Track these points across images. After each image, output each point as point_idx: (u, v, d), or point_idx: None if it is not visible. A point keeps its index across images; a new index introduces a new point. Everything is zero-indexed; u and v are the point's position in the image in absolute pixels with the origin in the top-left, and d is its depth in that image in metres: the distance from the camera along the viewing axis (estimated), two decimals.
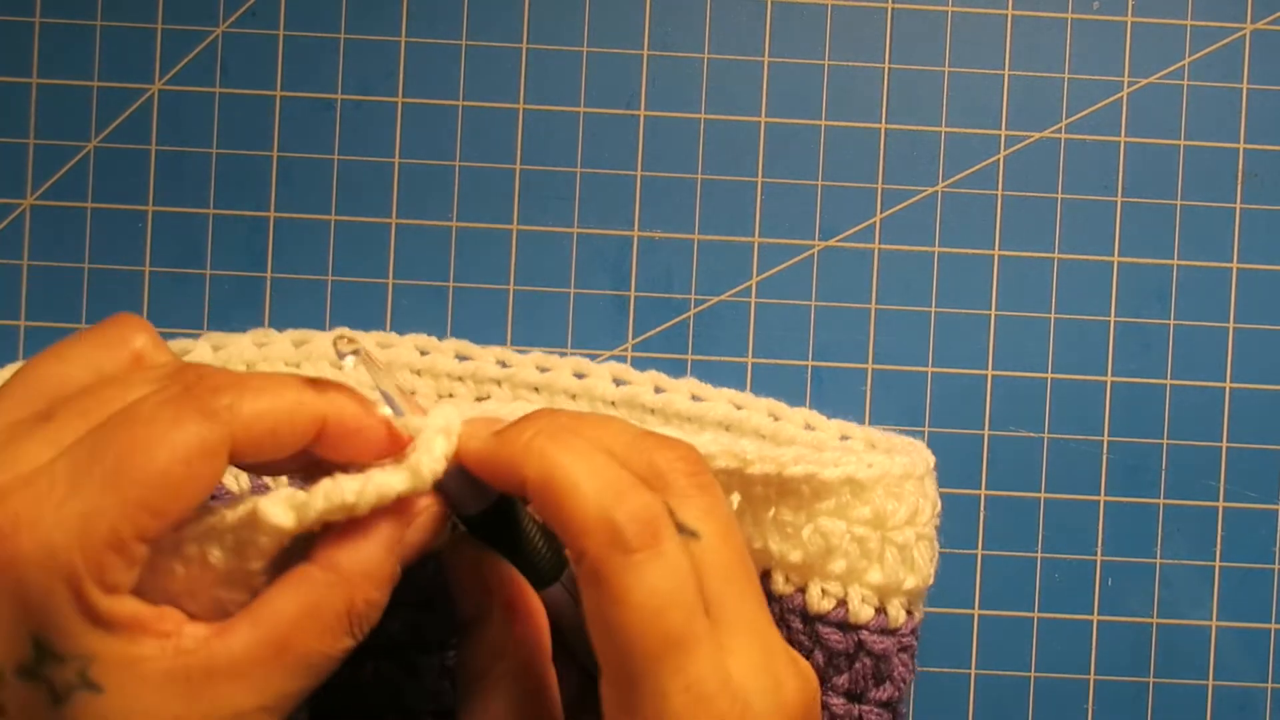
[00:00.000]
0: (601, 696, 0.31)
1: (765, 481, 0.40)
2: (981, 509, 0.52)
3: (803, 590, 0.42)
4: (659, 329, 0.52)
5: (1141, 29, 0.53)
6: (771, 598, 0.41)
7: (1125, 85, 0.53)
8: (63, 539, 0.27)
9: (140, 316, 0.34)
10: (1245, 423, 0.53)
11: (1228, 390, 0.53)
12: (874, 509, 0.42)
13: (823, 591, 0.42)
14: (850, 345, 0.52)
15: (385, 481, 0.31)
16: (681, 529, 0.31)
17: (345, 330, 0.31)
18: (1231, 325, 0.53)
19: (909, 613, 0.43)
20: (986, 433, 0.53)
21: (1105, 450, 0.53)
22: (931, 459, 0.47)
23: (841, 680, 0.42)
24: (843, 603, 0.42)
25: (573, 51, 0.52)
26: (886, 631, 0.42)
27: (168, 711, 0.28)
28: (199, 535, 0.30)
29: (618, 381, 0.50)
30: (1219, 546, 0.53)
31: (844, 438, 0.50)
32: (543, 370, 0.49)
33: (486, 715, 0.33)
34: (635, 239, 0.52)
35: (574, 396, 0.49)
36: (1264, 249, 0.53)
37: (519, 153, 0.52)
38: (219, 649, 0.29)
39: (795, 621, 0.42)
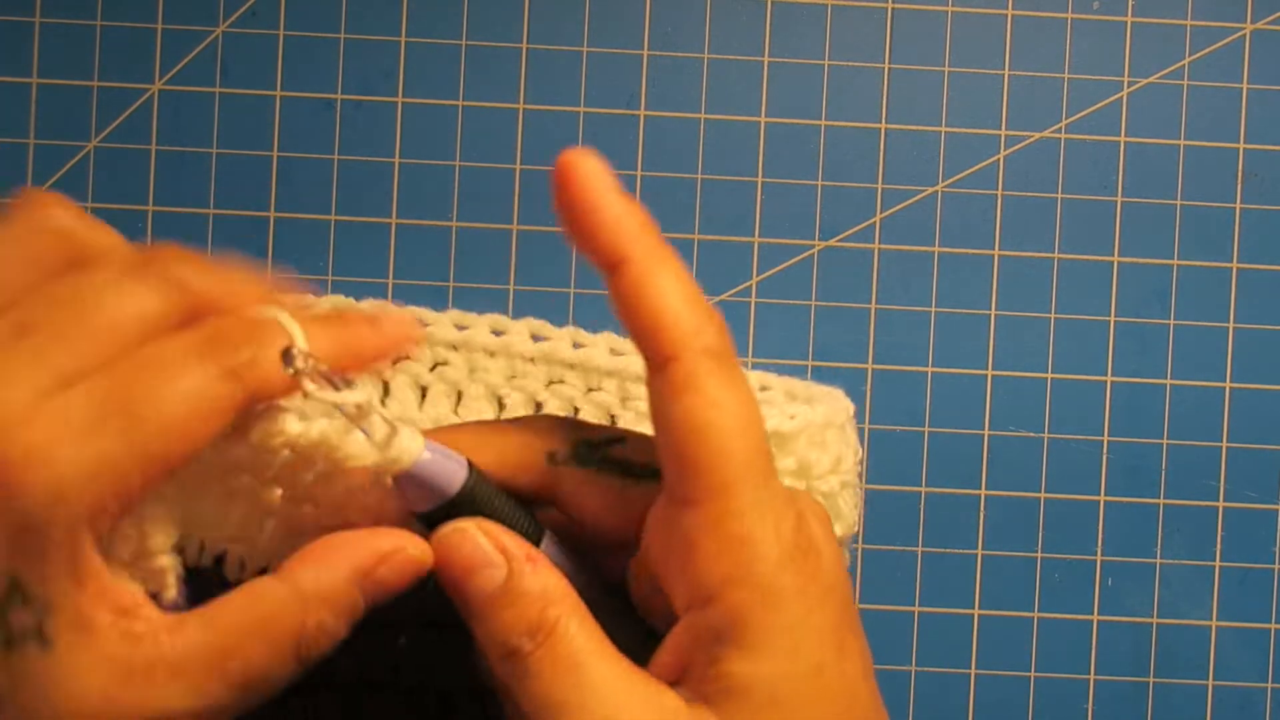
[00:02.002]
0: (670, 528, 0.30)
1: None
2: (981, 509, 0.52)
3: None
4: None
5: (1141, 29, 0.53)
6: None
7: (1125, 85, 0.53)
8: (75, 480, 0.26)
9: (53, 192, 0.32)
10: (1245, 423, 0.53)
11: (1228, 390, 0.53)
12: (798, 459, 0.41)
13: None
14: (850, 345, 0.52)
15: (341, 444, 0.30)
16: (609, 443, 0.32)
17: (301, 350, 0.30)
18: (1231, 325, 0.53)
19: None
20: (986, 433, 0.53)
21: (1105, 450, 0.53)
22: (851, 406, 0.47)
23: None
24: None
25: (573, 51, 0.53)
26: None
27: (99, 690, 0.27)
28: None
29: (536, 337, 0.49)
30: (1219, 546, 0.53)
31: (763, 389, 0.49)
32: (460, 328, 0.49)
33: (572, 653, 0.30)
34: None
35: (492, 354, 0.48)
36: (1264, 249, 0.53)
37: (519, 153, 0.52)
38: (165, 642, 0.28)
39: None
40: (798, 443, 0.41)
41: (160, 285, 0.29)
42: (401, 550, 0.31)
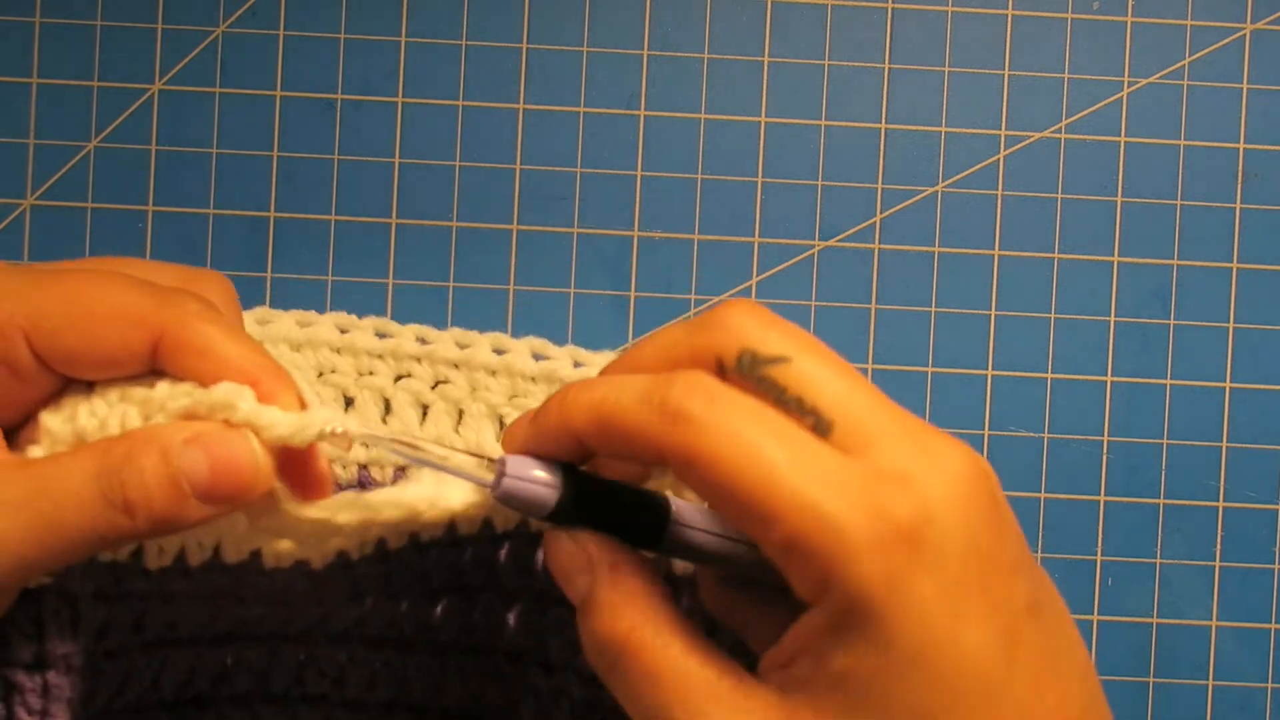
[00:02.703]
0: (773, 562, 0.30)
1: None
2: None
3: None
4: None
5: (1141, 29, 0.53)
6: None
7: (1125, 85, 0.53)
8: None
9: (227, 280, 0.36)
10: (1245, 423, 0.53)
11: (1227, 390, 0.53)
12: None
13: None
14: (850, 345, 0.52)
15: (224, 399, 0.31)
16: (771, 360, 0.31)
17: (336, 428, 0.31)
18: (1231, 325, 0.53)
19: None
20: (986, 433, 0.53)
21: (1105, 450, 0.53)
22: None
23: None
24: None
25: (573, 51, 0.53)
26: None
27: None
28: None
29: (537, 356, 0.49)
30: (1219, 546, 0.53)
31: None
32: (462, 346, 0.49)
33: (648, 663, 0.31)
34: (635, 239, 0.52)
35: (494, 373, 0.48)
36: (1264, 249, 0.53)
37: (519, 153, 0.52)
38: None
39: None
40: None
41: (159, 299, 0.32)
42: (229, 426, 0.31)
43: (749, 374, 0.31)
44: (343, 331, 0.49)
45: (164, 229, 0.52)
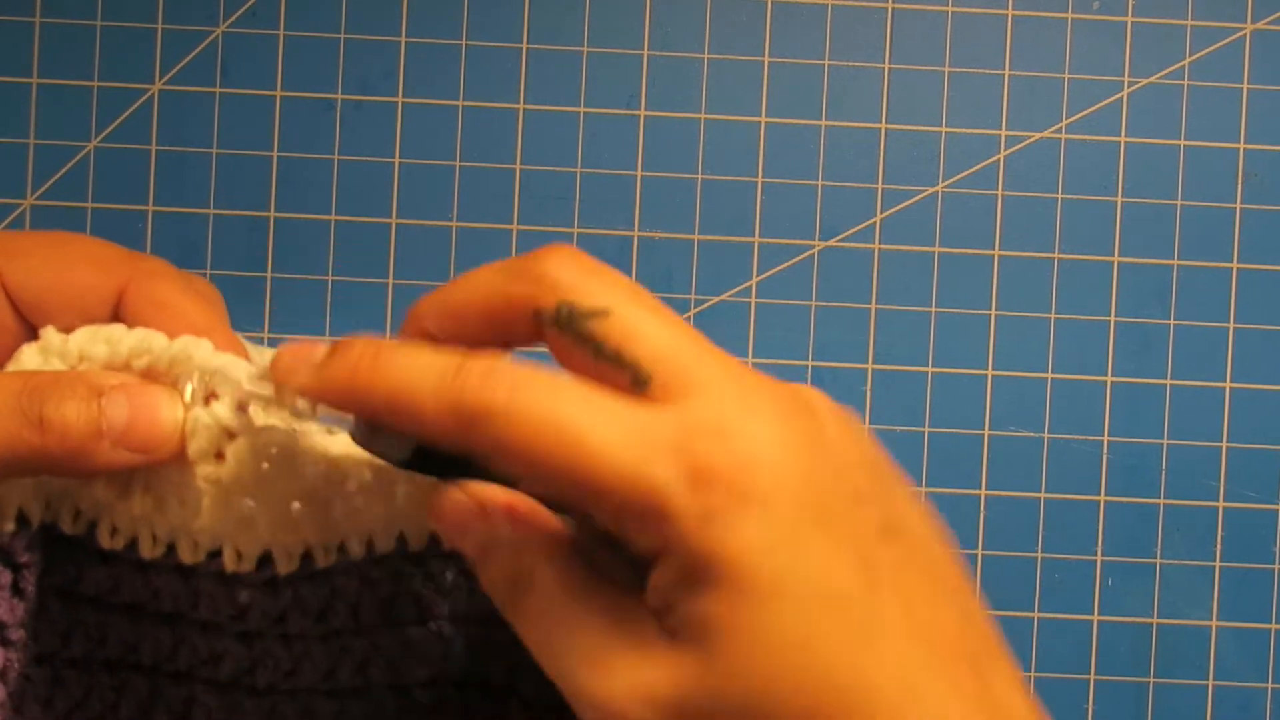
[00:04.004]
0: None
1: None
2: (981, 509, 0.52)
3: None
4: None
5: (1141, 29, 0.53)
6: None
7: (1125, 85, 0.53)
8: None
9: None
10: (1245, 423, 0.53)
11: (1227, 390, 0.53)
12: None
13: None
14: (850, 345, 0.52)
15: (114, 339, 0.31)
16: (590, 314, 0.30)
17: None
18: (1231, 325, 0.53)
19: None
20: (986, 433, 0.53)
21: (1105, 450, 0.53)
22: None
23: None
24: None
25: (573, 51, 0.53)
26: None
27: None
28: None
29: None
30: (1219, 546, 0.53)
31: None
32: None
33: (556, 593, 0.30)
34: (635, 239, 0.52)
35: None
36: (1264, 249, 0.53)
37: (519, 153, 0.52)
38: None
39: None
40: None
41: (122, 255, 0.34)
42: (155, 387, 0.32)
43: (567, 328, 0.30)
44: None
45: (164, 229, 0.52)
